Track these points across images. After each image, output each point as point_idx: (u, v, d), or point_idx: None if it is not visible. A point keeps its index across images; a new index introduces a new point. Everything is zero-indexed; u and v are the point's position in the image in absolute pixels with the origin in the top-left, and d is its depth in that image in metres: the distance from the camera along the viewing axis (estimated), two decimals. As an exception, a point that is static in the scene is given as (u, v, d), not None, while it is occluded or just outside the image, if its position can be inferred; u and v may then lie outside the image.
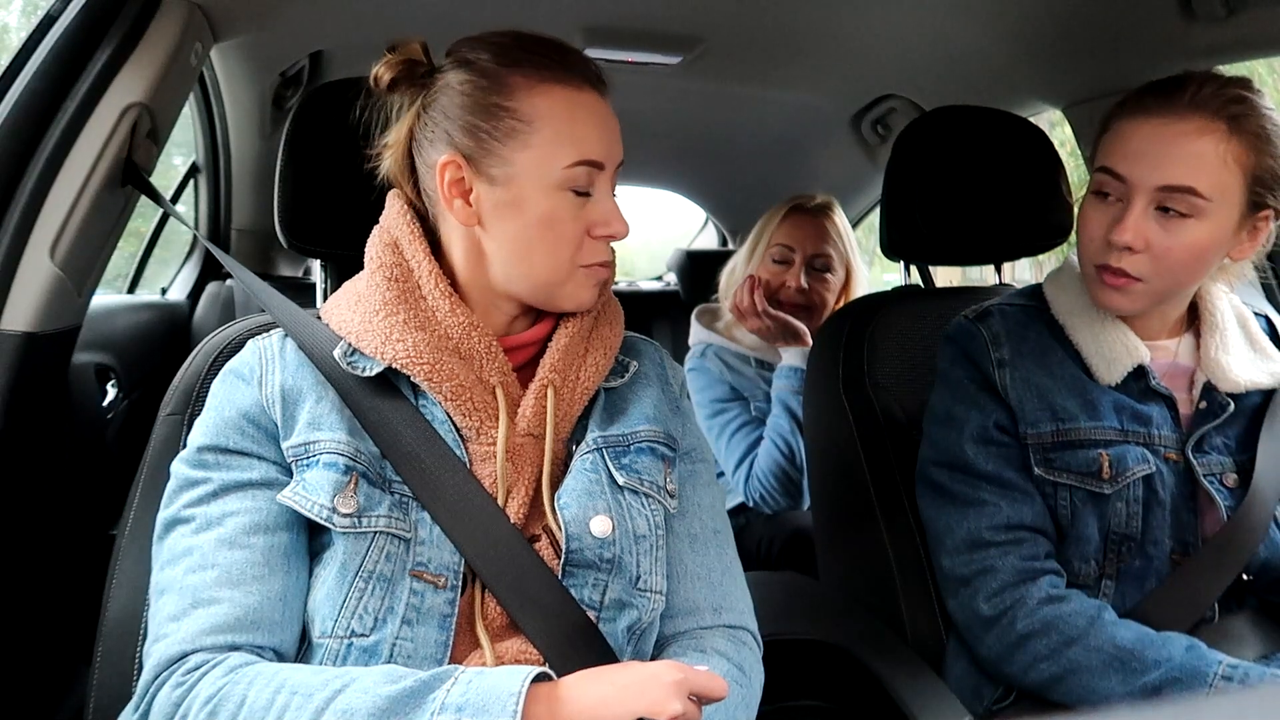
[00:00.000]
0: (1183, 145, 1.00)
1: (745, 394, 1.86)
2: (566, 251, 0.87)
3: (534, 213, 0.85)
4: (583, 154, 0.85)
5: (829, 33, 1.82)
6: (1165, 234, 1.01)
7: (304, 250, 1.10)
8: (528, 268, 0.87)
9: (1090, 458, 1.06)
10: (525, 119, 0.85)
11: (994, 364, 1.13)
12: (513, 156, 0.85)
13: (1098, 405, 1.09)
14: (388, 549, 0.81)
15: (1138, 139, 1.02)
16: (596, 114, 0.87)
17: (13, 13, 2.56)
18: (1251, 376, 1.10)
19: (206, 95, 2.12)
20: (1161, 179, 1.00)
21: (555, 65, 0.86)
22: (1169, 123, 1.00)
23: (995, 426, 1.11)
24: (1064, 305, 1.14)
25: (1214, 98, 1.00)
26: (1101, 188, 1.06)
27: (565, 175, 0.85)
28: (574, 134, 0.85)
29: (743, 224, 2.30)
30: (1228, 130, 0.99)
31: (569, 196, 0.86)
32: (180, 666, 0.76)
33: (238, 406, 0.85)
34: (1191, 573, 1.05)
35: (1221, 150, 0.99)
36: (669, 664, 0.74)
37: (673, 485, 0.94)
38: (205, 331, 1.17)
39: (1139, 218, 1.01)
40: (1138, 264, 1.03)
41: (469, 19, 0.90)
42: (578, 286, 0.89)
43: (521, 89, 0.85)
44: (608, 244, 0.90)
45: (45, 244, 1.10)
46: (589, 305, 0.91)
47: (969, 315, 1.18)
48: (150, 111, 1.19)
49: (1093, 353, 1.10)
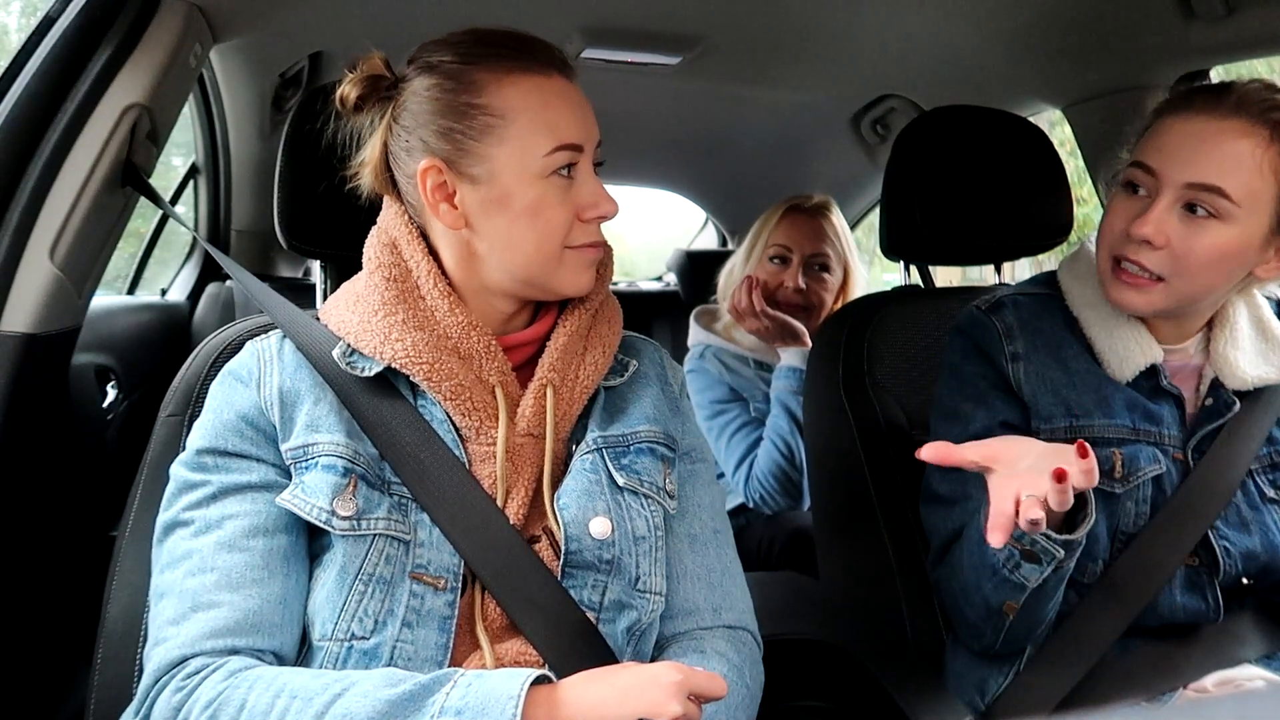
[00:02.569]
0: (1219, 144, 0.97)
1: (744, 395, 1.86)
2: (557, 238, 0.86)
3: (520, 205, 0.85)
4: (560, 139, 0.85)
5: (829, 33, 1.82)
6: (1187, 233, 0.98)
7: (303, 251, 1.10)
8: (522, 260, 0.87)
9: (1103, 456, 1.03)
10: (498, 113, 0.84)
11: (1008, 358, 1.10)
12: (491, 153, 0.84)
13: (1111, 402, 1.06)
14: (387, 551, 0.81)
15: (1175, 134, 1.00)
16: (568, 98, 0.87)
17: (12, 13, 2.56)
18: (1260, 372, 1.08)
19: (206, 96, 2.12)
20: (1191, 176, 0.97)
21: (519, 55, 0.86)
22: (1211, 120, 0.98)
23: (1001, 425, 1.08)
24: (1079, 297, 1.12)
25: (1261, 102, 0.97)
26: (1132, 180, 1.03)
27: (546, 162, 0.85)
28: (548, 121, 0.85)
29: (742, 224, 2.30)
30: (1270, 137, 0.97)
31: (553, 183, 0.85)
32: (180, 671, 0.76)
33: (236, 409, 0.85)
34: (1150, 537, 1.05)
35: (1259, 156, 0.96)
36: (669, 665, 0.74)
37: (672, 486, 0.94)
38: (205, 332, 1.16)
39: (1163, 213, 0.99)
40: (1156, 261, 1.00)
41: (468, 19, 0.90)
42: (573, 270, 0.88)
43: (489, 84, 0.85)
44: (598, 225, 0.89)
45: (45, 245, 1.10)
46: (588, 288, 0.90)
47: (981, 306, 1.16)
48: (150, 112, 1.19)
49: (1106, 348, 1.08)
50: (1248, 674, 1.03)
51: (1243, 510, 1.06)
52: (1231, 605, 1.08)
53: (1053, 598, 1.00)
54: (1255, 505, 1.07)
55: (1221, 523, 1.05)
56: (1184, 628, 1.07)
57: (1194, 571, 1.06)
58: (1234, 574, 1.05)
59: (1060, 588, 1.00)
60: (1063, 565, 0.95)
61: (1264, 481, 1.08)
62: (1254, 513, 1.06)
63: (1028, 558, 0.95)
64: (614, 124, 2.53)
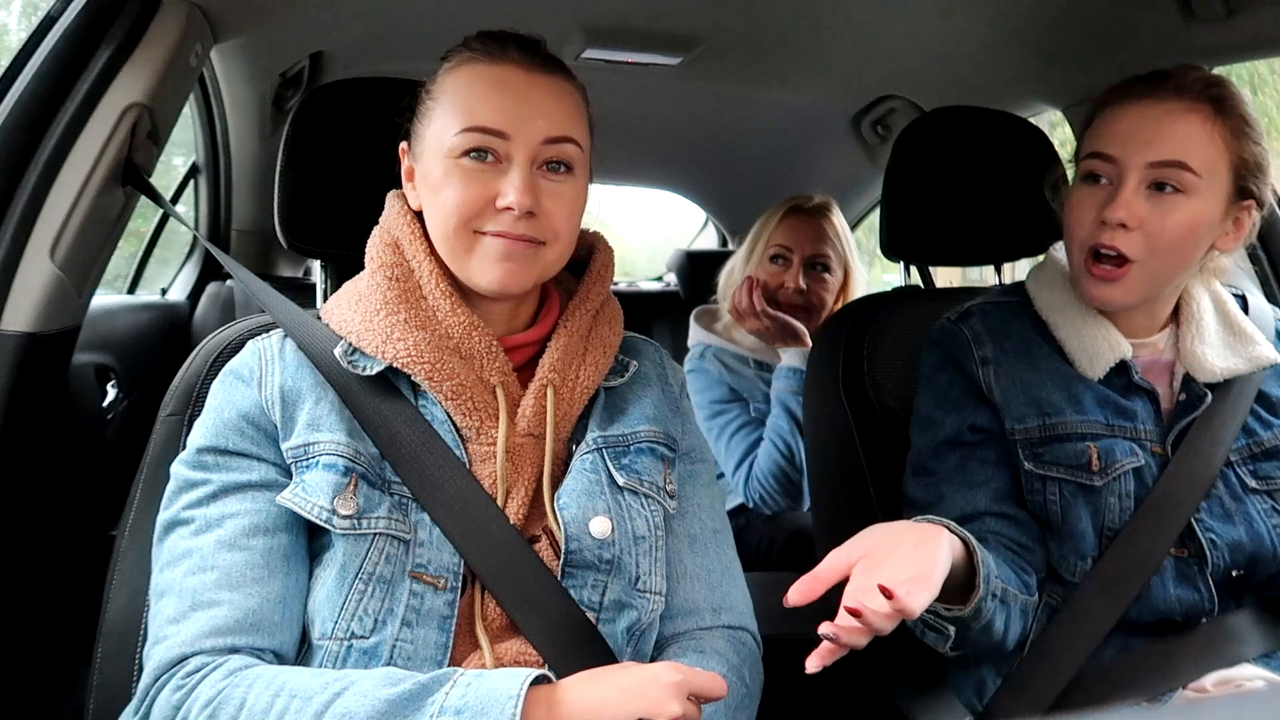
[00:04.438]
0: (1172, 123, 1.02)
1: (744, 395, 1.86)
2: (454, 219, 0.85)
3: (431, 181, 0.88)
4: (474, 120, 0.85)
5: (829, 33, 1.82)
6: (1157, 212, 1.03)
7: (304, 251, 1.10)
8: (439, 238, 0.88)
9: (1078, 450, 1.07)
10: (434, 96, 0.90)
11: (977, 362, 1.13)
12: (424, 132, 0.90)
13: (1082, 399, 1.09)
14: (387, 550, 0.81)
15: (1127, 120, 1.05)
16: (501, 84, 0.87)
17: (13, 13, 2.56)
18: (1228, 364, 1.11)
19: (206, 95, 2.12)
20: (1154, 155, 1.02)
21: (481, 48, 0.89)
22: (1157, 103, 1.04)
23: (970, 429, 1.11)
24: (1047, 301, 1.15)
25: (1196, 83, 1.04)
26: (1091, 171, 1.07)
27: (454, 142, 0.86)
28: (468, 103, 0.87)
29: (743, 224, 2.30)
30: (1212, 111, 1.02)
31: (462, 164, 0.86)
32: (180, 669, 0.76)
33: (237, 408, 0.85)
34: (1133, 529, 1.06)
35: (1209, 129, 1.02)
36: (668, 665, 0.74)
37: (672, 486, 0.94)
38: (205, 332, 1.16)
39: (1132, 194, 1.03)
40: (1131, 242, 1.03)
41: (468, 19, 0.91)
42: (482, 260, 0.86)
43: (443, 73, 0.90)
44: (512, 216, 0.85)
45: (45, 244, 1.10)
46: (500, 285, 0.86)
47: (950, 317, 1.19)
48: (150, 112, 1.19)
49: (1076, 347, 1.11)
50: (1247, 673, 1.04)
51: (1226, 502, 1.08)
52: (1228, 603, 1.09)
53: (987, 639, 0.99)
54: (1238, 496, 1.09)
55: (1206, 515, 1.07)
56: (1182, 625, 1.08)
57: (1184, 563, 1.07)
58: (1223, 565, 1.07)
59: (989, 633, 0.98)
60: (971, 628, 0.95)
61: (1245, 473, 1.10)
62: (1237, 504, 1.08)
63: (929, 627, 0.96)
64: (614, 124, 2.53)
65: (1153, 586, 1.06)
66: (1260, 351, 1.13)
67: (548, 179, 0.87)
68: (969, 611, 0.93)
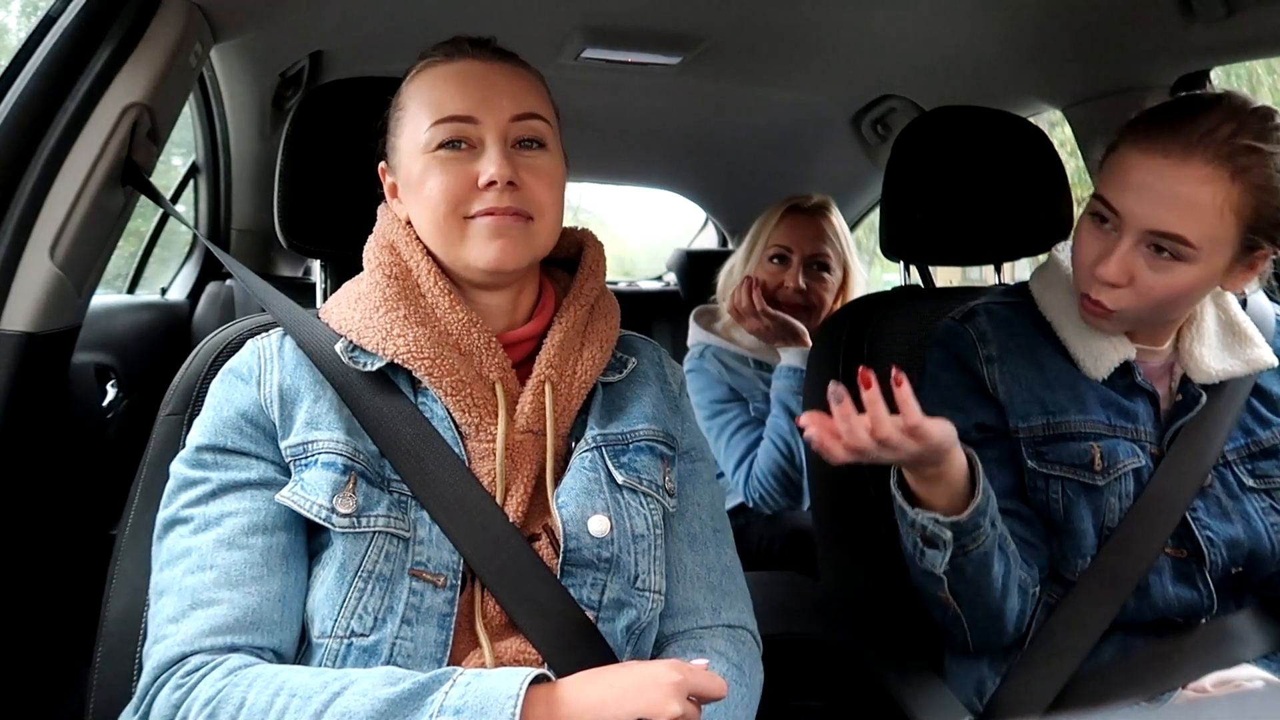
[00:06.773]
0: (1180, 192, 0.97)
1: (744, 395, 1.86)
2: (443, 207, 0.87)
3: (413, 181, 0.89)
4: (442, 112, 0.88)
5: (829, 33, 1.82)
6: (1151, 272, 1.01)
7: (304, 250, 1.10)
8: (430, 234, 0.89)
9: (1081, 449, 1.07)
10: (401, 106, 0.92)
11: (982, 361, 1.13)
12: (398, 142, 0.92)
13: (1085, 398, 1.09)
14: (387, 548, 0.82)
15: (1138, 174, 1.00)
16: (461, 75, 0.90)
17: (12, 13, 2.56)
18: (1224, 366, 1.11)
19: (206, 95, 2.12)
20: (1152, 224, 0.99)
21: (435, 53, 0.92)
22: (1171, 165, 0.98)
23: (975, 428, 1.11)
24: (1050, 302, 1.15)
25: (1225, 143, 0.96)
26: (1098, 212, 1.05)
27: (427, 137, 0.88)
28: (432, 100, 0.89)
29: (742, 224, 2.30)
30: (1230, 179, 0.96)
31: (439, 156, 0.87)
32: (180, 668, 0.76)
33: (236, 406, 0.85)
34: (1128, 526, 1.07)
35: (1220, 201, 0.97)
36: (668, 664, 0.74)
37: (672, 484, 0.94)
38: (205, 331, 1.16)
39: (1126, 253, 1.01)
40: (1118, 298, 1.03)
41: (468, 19, 0.91)
42: (476, 240, 0.87)
43: (405, 85, 0.93)
44: (495, 191, 0.86)
45: (45, 244, 1.10)
46: (496, 263, 0.86)
47: (955, 316, 1.19)
48: (150, 111, 1.19)
49: (1080, 348, 1.11)
50: (1246, 674, 1.04)
51: (1223, 500, 1.09)
52: (1228, 603, 1.09)
53: (983, 584, 1.02)
54: (1235, 495, 1.09)
55: (1203, 513, 1.08)
56: (1181, 624, 1.08)
57: (1182, 563, 1.08)
58: (1221, 563, 1.07)
59: (987, 574, 1.01)
60: (968, 550, 0.99)
61: (1243, 471, 1.11)
62: (1234, 502, 1.09)
63: (927, 543, 1.00)
64: (614, 124, 2.55)
65: (1152, 585, 1.06)
66: (1258, 354, 1.13)
67: (523, 155, 0.89)
68: (966, 517, 0.96)
